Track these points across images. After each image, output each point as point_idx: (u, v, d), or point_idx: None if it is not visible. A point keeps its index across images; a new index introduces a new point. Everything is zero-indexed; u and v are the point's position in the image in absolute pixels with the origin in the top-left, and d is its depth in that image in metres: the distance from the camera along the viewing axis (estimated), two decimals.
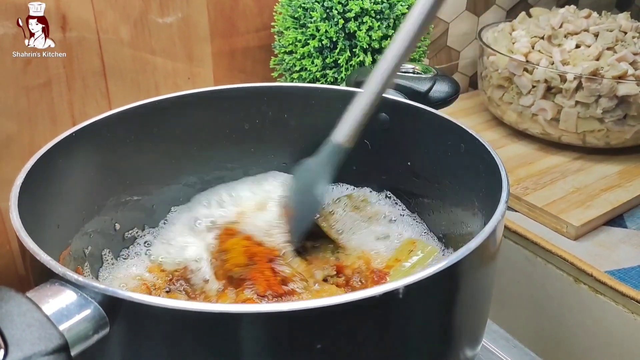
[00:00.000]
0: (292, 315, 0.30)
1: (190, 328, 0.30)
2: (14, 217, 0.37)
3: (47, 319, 0.28)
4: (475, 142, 0.47)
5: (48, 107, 0.63)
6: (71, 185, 0.48)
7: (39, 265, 0.33)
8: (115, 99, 0.67)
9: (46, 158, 0.44)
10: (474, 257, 0.35)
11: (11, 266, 0.65)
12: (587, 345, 0.65)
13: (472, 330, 0.42)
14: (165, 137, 0.55)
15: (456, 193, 0.51)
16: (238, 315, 0.29)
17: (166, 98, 0.54)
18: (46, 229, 0.43)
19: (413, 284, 0.31)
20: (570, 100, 0.79)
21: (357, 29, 0.64)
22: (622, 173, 0.80)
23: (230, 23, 0.72)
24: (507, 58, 0.82)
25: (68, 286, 0.31)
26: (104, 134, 0.50)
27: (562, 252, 0.66)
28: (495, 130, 0.91)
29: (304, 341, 0.31)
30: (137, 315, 0.31)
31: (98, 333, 0.31)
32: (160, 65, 0.68)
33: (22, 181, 0.40)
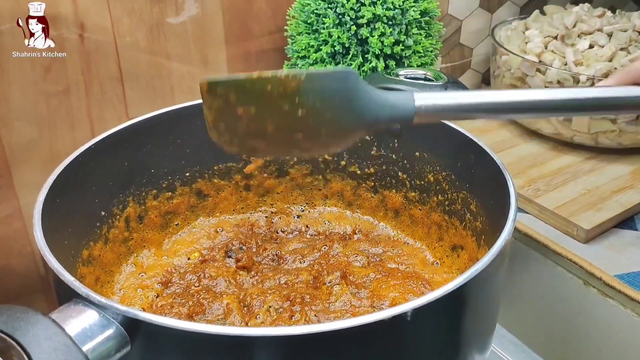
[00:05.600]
0: (305, 339, 0.31)
1: (206, 349, 0.32)
2: (38, 235, 0.38)
3: (72, 342, 0.30)
4: (485, 155, 0.48)
5: (67, 112, 0.64)
6: (90, 196, 0.49)
7: (63, 284, 0.34)
8: (132, 104, 0.68)
9: (66, 172, 0.45)
10: (482, 277, 0.36)
11: (33, 267, 0.67)
12: (595, 348, 0.66)
13: (481, 338, 0.44)
14: (179, 145, 0.56)
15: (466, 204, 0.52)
16: (252, 338, 0.31)
17: (180, 108, 0.55)
18: (67, 241, 0.45)
19: (421, 306, 0.32)
20: None
21: (370, 35, 0.65)
22: (634, 173, 0.80)
23: (244, 26, 0.73)
24: (520, 58, 0.82)
25: (91, 307, 0.33)
26: (120, 145, 0.51)
27: (571, 255, 0.67)
28: (507, 128, 0.91)
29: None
30: (156, 336, 0.32)
31: (120, 351, 0.33)
32: (176, 69, 0.70)
33: (44, 198, 0.42)
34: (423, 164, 0.56)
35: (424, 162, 0.56)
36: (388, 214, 0.60)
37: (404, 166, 0.57)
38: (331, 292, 0.50)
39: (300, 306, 0.48)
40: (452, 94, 0.40)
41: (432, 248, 0.57)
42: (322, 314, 0.47)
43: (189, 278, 0.53)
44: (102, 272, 0.51)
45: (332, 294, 0.50)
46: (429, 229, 0.57)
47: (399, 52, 0.66)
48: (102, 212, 0.51)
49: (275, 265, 0.55)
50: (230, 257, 0.56)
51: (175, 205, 0.58)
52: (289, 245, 0.57)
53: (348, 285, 0.51)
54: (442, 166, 0.54)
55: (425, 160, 0.55)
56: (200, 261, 0.55)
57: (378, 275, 0.52)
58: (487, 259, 0.36)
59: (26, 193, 0.64)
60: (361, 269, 0.53)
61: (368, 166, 0.59)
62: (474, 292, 0.37)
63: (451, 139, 0.52)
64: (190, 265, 0.55)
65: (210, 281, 0.52)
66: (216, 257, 0.56)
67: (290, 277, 0.52)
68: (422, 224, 0.58)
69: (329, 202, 0.62)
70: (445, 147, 0.53)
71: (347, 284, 0.51)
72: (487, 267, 0.35)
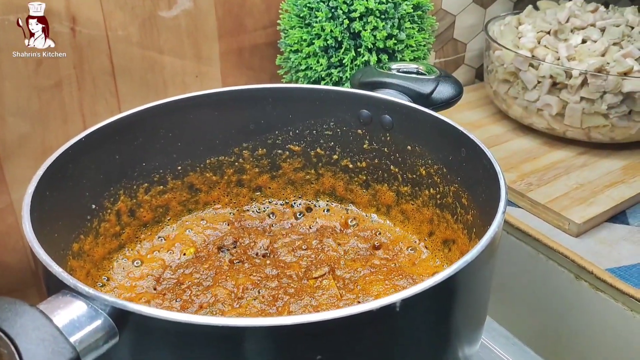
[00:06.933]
0: (294, 329, 0.31)
1: (195, 340, 0.32)
2: (27, 227, 0.38)
3: (60, 333, 0.30)
4: (476, 148, 0.48)
5: (59, 107, 0.64)
6: (81, 189, 0.49)
7: (52, 276, 0.34)
8: (124, 98, 0.68)
9: (56, 164, 0.45)
10: (469, 270, 0.36)
11: (25, 262, 0.67)
12: (586, 342, 0.66)
13: (471, 330, 0.44)
14: (171, 139, 0.56)
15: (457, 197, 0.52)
16: (242, 328, 0.31)
17: (172, 100, 0.55)
18: (57, 234, 0.45)
19: (410, 297, 0.32)
20: (575, 96, 0.79)
21: (362, 28, 0.65)
22: (626, 169, 0.80)
23: (237, 21, 0.73)
24: (513, 53, 0.83)
25: (79, 297, 0.33)
26: (112, 138, 0.51)
27: (563, 249, 0.67)
28: (500, 123, 0.91)
29: (305, 353, 0.32)
30: (145, 327, 0.32)
31: (108, 343, 0.32)
32: (169, 64, 0.69)
33: (34, 190, 0.42)
34: (415, 158, 0.56)
35: (415, 155, 0.56)
36: (380, 209, 0.60)
37: (396, 160, 0.57)
38: (319, 287, 0.50)
39: (288, 297, 0.48)
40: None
41: (423, 242, 0.57)
42: (309, 307, 0.48)
43: (180, 272, 0.53)
44: (93, 267, 0.51)
45: (319, 288, 0.50)
46: (420, 223, 0.57)
47: (392, 46, 0.66)
48: (93, 205, 0.51)
49: (265, 260, 0.55)
50: (223, 252, 0.56)
51: (167, 199, 0.57)
52: (281, 240, 0.57)
53: (335, 280, 0.51)
54: (433, 160, 0.54)
55: (417, 153, 0.55)
56: (194, 256, 0.55)
57: (366, 270, 0.52)
58: (477, 250, 0.36)
59: (18, 188, 0.64)
60: (350, 263, 0.53)
61: (360, 160, 0.59)
62: (464, 283, 0.37)
63: (443, 133, 0.52)
64: (183, 260, 0.55)
65: (202, 276, 0.51)
66: (209, 252, 0.56)
67: (280, 270, 0.52)
68: (414, 219, 0.58)
69: (321, 196, 0.62)
70: (437, 141, 0.53)
71: (335, 278, 0.51)
72: (477, 257, 0.35)
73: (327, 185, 0.62)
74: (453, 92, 0.58)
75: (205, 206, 0.60)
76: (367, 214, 0.61)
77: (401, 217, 0.59)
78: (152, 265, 0.54)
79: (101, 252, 0.52)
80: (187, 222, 0.59)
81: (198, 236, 0.57)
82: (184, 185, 0.58)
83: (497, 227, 0.38)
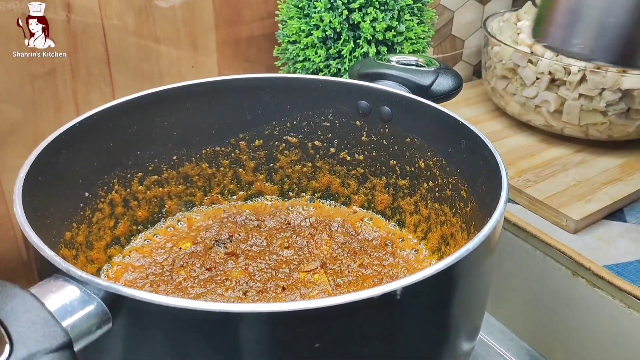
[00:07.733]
0: (292, 315, 0.30)
1: (191, 325, 0.31)
2: (19, 211, 0.37)
3: (52, 316, 0.29)
4: (476, 139, 0.47)
5: (52, 94, 0.63)
6: (74, 176, 0.48)
7: (43, 260, 0.33)
8: (119, 87, 0.67)
9: (49, 150, 0.44)
10: (472, 258, 0.35)
11: (15, 251, 0.66)
12: (583, 338, 0.66)
13: (470, 324, 0.43)
14: (167, 128, 0.55)
15: (456, 190, 0.52)
16: (238, 314, 0.30)
17: (168, 88, 0.54)
18: (49, 221, 0.44)
19: (411, 285, 0.32)
20: (573, 93, 0.79)
21: (361, 20, 0.64)
22: (623, 166, 0.80)
23: (235, 11, 0.72)
24: (511, 49, 0.82)
25: (72, 282, 0.32)
26: (106, 125, 0.50)
27: (560, 246, 0.67)
28: (498, 120, 0.91)
29: (303, 340, 0.31)
30: (139, 312, 0.31)
31: (101, 328, 0.32)
32: (165, 53, 0.69)
33: (26, 174, 0.41)
34: (414, 150, 0.55)
35: (414, 147, 0.55)
36: (376, 204, 0.59)
37: (395, 152, 0.57)
38: (310, 281, 0.50)
39: (280, 290, 0.48)
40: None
41: (420, 239, 0.56)
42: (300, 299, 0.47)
43: (176, 266, 0.52)
44: (85, 259, 0.50)
45: (310, 282, 0.50)
46: (418, 219, 0.56)
47: (391, 38, 0.65)
48: (87, 193, 0.50)
49: (260, 254, 0.54)
50: (218, 246, 0.55)
51: (162, 192, 0.57)
52: (275, 234, 0.56)
53: (327, 275, 0.51)
54: (432, 152, 0.54)
55: (416, 145, 0.55)
56: (189, 250, 0.54)
57: (359, 266, 0.52)
58: (479, 239, 0.35)
59: (10, 177, 0.63)
60: (344, 258, 0.53)
61: (358, 152, 0.59)
62: (464, 274, 0.36)
63: (442, 124, 0.51)
64: (179, 254, 0.54)
65: (198, 269, 0.51)
66: (205, 246, 0.55)
67: (274, 264, 0.52)
68: (411, 214, 0.57)
69: (318, 191, 0.62)
70: (437, 132, 0.53)
71: (327, 273, 0.51)
72: (478, 247, 0.35)
73: (323, 179, 0.61)
74: (453, 84, 0.58)
75: (200, 200, 0.59)
76: (363, 209, 0.60)
77: (398, 212, 0.58)
78: (147, 259, 0.53)
79: (95, 245, 0.51)
80: (182, 216, 0.58)
81: (193, 230, 0.57)
82: (179, 175, 0.57)
83: (499, 217, 0.38)
